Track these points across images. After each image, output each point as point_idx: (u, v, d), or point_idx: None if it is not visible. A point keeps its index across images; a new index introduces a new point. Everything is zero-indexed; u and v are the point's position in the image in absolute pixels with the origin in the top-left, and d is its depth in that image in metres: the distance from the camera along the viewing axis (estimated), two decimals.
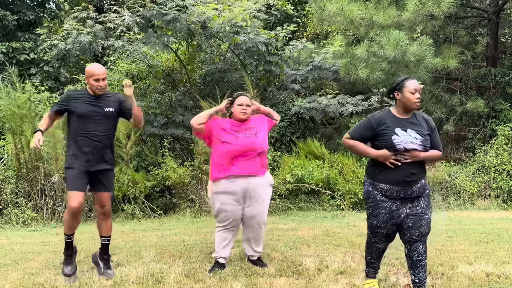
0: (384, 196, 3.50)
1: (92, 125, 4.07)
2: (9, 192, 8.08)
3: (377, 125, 3.52)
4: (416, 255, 3.54)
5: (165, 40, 8.71)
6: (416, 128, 3.50)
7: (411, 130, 3.47)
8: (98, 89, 4.08)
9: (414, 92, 3.51)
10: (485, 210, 8.46)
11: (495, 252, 4.99)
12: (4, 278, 4.29)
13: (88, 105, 4.09)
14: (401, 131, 3.46)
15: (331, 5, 9.37)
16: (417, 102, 3.51)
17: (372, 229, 3.61)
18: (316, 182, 8.56)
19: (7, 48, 12.95)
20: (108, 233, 4.38)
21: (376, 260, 3.72)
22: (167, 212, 8.57)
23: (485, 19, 11.43)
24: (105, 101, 4.17)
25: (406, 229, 3.51)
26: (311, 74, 10.06)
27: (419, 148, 3.43)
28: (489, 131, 10.40)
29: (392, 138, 3.43)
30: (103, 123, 4.13)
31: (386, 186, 3.47)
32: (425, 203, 3.53)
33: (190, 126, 4.59)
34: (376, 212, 3.53)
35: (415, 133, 3.47)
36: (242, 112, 4.31)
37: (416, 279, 3.56)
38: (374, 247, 3.66)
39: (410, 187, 3.45)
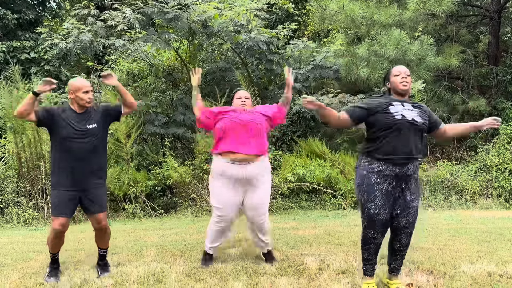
0: (379, 177, 3.48)
1: (74, 147, 3.93)
2: (10, 191, 8.08)
3: (371, 103, 3.58)
4: (398, 245, 3.66)
5: (166, 37, 8.69)
6: (414, 106, 3.58)
7: (407, 104, 3.55)
8: (87, 102, 3.97)
9: (398, 74, 3.58)
10: (487, 209, 8.43)
11: (497, 251, 4.98)
12: (5, 277, 4.28)
13: (70, 126, 3.94)
14: (397, 103, 3.53)
15: (332, 4, 9.36)
16: (402, 82, 3.55)
17: (370, 218, 3.50)
18: (317, 181, 8.54)
19: (8, 47, 12.94)
20: (105, 246, 4.35)
21: (373, 256, 3.65)
22: (168, 211, 8.56)
23: (486, 18, 11.40)
24: (88, 117, 4.03)
25: (394, 216, 3.56)
26: (312, 73, 10.04)
27: (417, 118, 3.46)
28: (491, 130, 10.36)
29: (390, 109, 3.48)
30: (87, 143, 3.98)
31: (381, 164, 3.47)
32: (415, 188, 3.56)
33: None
34: (372, 196, 3.48)
35: (411, 106, 3.54)
36: (241, 104, 4.35)
37: (392, 264, 3.75)
38: (371, 243, 3.58)
39: (405, 165, 3.46)
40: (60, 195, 3.96)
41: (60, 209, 3.95)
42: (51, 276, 4.15)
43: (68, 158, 3.95)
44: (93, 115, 4.08)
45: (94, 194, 4.06)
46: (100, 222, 4.15)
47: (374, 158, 3.50)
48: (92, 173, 4.03)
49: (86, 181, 4.01)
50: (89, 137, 4.00)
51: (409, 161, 3.46)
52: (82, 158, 3.96)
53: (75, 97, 3.98)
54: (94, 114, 4.10)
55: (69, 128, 3.94)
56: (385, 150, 3.45)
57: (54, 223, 3.96)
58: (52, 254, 4.19)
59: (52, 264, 4.22)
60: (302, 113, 9.79)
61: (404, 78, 3.55)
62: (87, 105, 4.02)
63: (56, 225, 3.94)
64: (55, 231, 3.98)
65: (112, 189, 8.17)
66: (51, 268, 4.22)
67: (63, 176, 3.96)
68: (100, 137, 4.11)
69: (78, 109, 4.03)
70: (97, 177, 4.09)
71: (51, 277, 4.14)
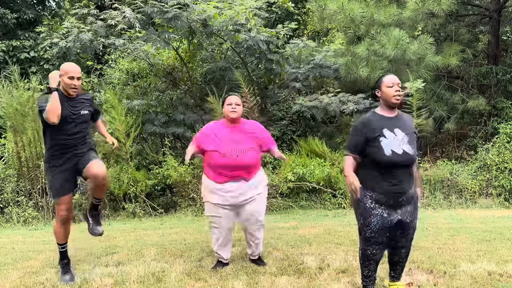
0: (374, 203, 3.44)
1: (67, 128, 3.95)
2: (10, 191, 8.08)
3: (364, 127, 3.45)
4: (397, 258, 3.66)
5: (166, 37, 8.68)
6: (403, 126, 3.46)
7: (398, 130, 3.42)
8: (71, 88, 3.93)
9: (391, 86, 3.44)
10: (487, 208, 8.43)
11: (497, 250, 4.98)
12: (5, 277, 4.28)
13: (65, 108, 3.92)
14: (388, 133, 3.40)
15: (331, 3, 9.35)
16: (396, 96, 3.42)
17: (366, 241, 3.50)
18: (317, 180, 8.54)
19: (7, 47, 12.93)
20: (100, 195, 4.18)
21: (373, 272, 3.61)
22: (168, 210, 8.56)
23: (486, 17, 11.39)
24: (80, 103, 4.05)
25: (393, 236, 3.53)
26: (312, 73, 10.04)
27: (407, 150, 3.38)
28: (490, 129, 10.37)
29: (380, 141, 3.38)
30: (79, 126, 4.01)
31: (375, 194, 3.43)
32: (412, 208, 3.51)
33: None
34: (367, 221, 3.45)
35: (401, 133, 3.42)
36: (231, 111, 4.27)
37: (392, 273, 3.75)
38: (371, 260, 3.54)
39: (399, 197, 3.42)
40: (56, 176, 3.98)
41: (60, 190, 3.97)
42: (66, 274, 4.11)
43: (60, 140, 3.95)
44: (85, 102, 4.11)
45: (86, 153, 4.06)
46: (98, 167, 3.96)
47: (368, 187, 3.46)
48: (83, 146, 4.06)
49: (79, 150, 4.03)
50: (80, 121, 4.03)
51: (403, 194, 3.42)
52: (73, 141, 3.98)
53: (61, 80, 3.94)
54: (86, 102, 4.11)
55: (64, 110, 3.91)
56: (377, 183, 3.42)
57: (58, 209, 3.96)
58: (61, 245, 4.12)
59: (62, 260, 4.16)
60: (302, 113, 9.79)
61: (397, 91, 3.42)
62: (71, 93, 3.96)
63: (60, 210, 3.93)
64: (60, 218, 3.96)
65: (112, 188, 8.17)
66: (62, 265, 4.17)
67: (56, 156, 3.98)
68: (89, 124, 4.17)
69: (67, 93, 4.00)
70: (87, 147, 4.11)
71: (66, 275, 4.10)
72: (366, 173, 3.49)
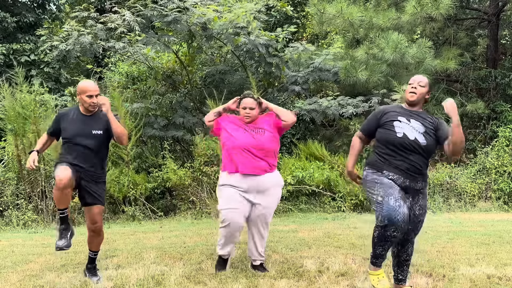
0: (391, 180, 3.44)
1: (81, 146, 3.94)
2: (10, 194, 8.08)
3: (382, 114, 3.58)
4: (405, 255, 3.65)
5: (166, 40, 8.70)
6: (421, 120, 3.52)
7: (415, 121, 3.50)
8: (91, 105, 3.96)
9: (411, 83, 3.57)
10: (486, 212, 8.45)
11: (497, 254, 4.99)
12: (5, 280, 4.29)
13: (77, 126, 3.95)
14: (404, 119, 3.49)
15: (330, 7, 9.38)
16: (411, 92, 3.53)
17: (390, 211, 3.24)
18: (317, 183, 8.55)
19: (8, 50, 12.96)
20: (96, 248, 4.25)
21: (386, 251, 3.49)
22: (168, 213, 8.56)
23: (485, 21, 11.43)
24: (95, 121, 4.02)
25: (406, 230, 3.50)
26: (312, 76, 10.07)
27: (419, 139, 3.42)
28: (489, 133, 10.40)
29: (394, 124, 3.48)
30: (92, 144, 3.98)
31: (391, 174, 3.45)
32: (423, 202, 3.54)
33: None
34: (390, 190, 3.33)
35: (418, 124, 3.48)
36: (245, 116, 4.29)
37: (400, 276, 3.72)
38: (389, 240, 3.35)
39: (416, 180, 3.45)
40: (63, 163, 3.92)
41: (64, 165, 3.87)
42: (61, 239, 3.95)
43: (71, 158, 3.94)
44: (100, 121, 4.04)
45: (94, 186, 4.03)
46: (95, 220, 4.05)
47: (382, 169, 3.49)
48: (94, 173, 4.03)
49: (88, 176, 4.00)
50: (92, 141, 3.98)
51: (417, 176, 3.45)
52: (84, 159, 3.96)
53: (80, 99, 3.99)
54: (102, 120, 4.05)
55: (75, 127, 3.96)
56: (390, 166, 3.46)
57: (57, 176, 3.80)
58: (60, 210, 3.97)
59: (61, 224, 4.00)
60: (301, 116, 9.80)
61: (414, 88, 3.51)
62: (91, 109, 3.99)
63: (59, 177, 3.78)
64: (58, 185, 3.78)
65: (112, 191, 8.17)
66: (59, 230, 4.00)
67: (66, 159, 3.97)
68: (103, 144, 4.11)
69: (84, 111, 4.03)
70: (97, 176, 4.07)
71: (61, 240, 3.95)
72: (380, 157, 3.53)
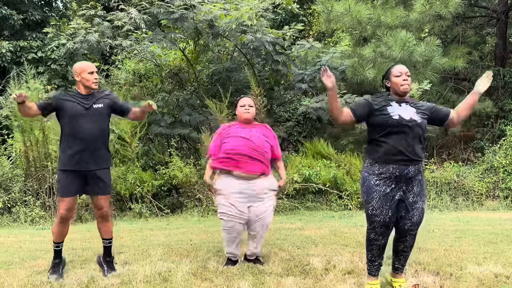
0: (379, 179, 3.47)
1: (82, 124, 3.96)
2: (18, 191, 8.13)
3: (373, 101, 3.56)
4: (402, 246, 3.67)
5: (172, 37, 8.71)
6: (412, 103, 3.57)
7: (405, 104, 3.54)
8: (93, 82, 4.01)
9: (399, 75, 3.55)
10: (493, 210, 8.40)
11: (504, 252, 4.96)
12: (13, 276, 4.30)
13: (77, 103, 3.99)
14: (395, 104, 3.52)
15: (338, 5, 9.36)
16: (404, 85, 3.53)
17: (369, 219, 3.54)
18: (323, 182, 8.54)
19: (15, 47, 13.00)
20: (108, 235, 4.31)
21: (376, 257, 3.64)
22: (175, 211, 8.58)
23: (493, 19, 11.36)
24: (95, 98, 4.08)
25: (399, 218, 3.56)
26: (319, 74, 10.02)
27: (415, 118, 3.45)
28: (497, 132, 10.34)
29: (387, 108, 3.49)
30: (94, 121, 4.01)
31: (381, 166, 3.47)
32: (418, 189, 3.53)
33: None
34: (370, 197, 3.49)
35: (410, 107, 3.52)
36: (245, 111, 4.32)
37: (396, 264, 3.76)
38: (373, 244, 3.58)
39: (406, 166, 3.44)
40: (66, 177, 3.99)
41: (66, 190, 3.98)
42: (54, 273, 4.11)
43: (76, 137, 3.96)
44: (99, 98, 4.11)
45: (98, 177, 4.07)
46: (101, 206, 4.14)
47: (375, 160, 3.51)
48: (97, 155, 4.05)
49: (92, 163, 4.02)
50: (95, 116, 4.02)
51: (409, 163, 3.44)
52: (89, 137, 3.97)
53: (81, 79, 4.02)
54: (101, 97, 4.13)
55: (77, 106, 3.98)
56: (385, 151, 3.46)
57: (60, 207, 3.97)
58: (56, 244, 4.15)
59: (55, 259, 4.18)
60: (308, 114, 9.79)
61: (405, 80, 3.53)
62: (93, 86, 4.04)
63: (61, 208, 3.95)
64: (60, 216, 3.97)
65: (118, 188, 8.20)
66: (53, 263, 4.19)
67: (70, 155, 3.98)
68: (106, 119, 4.14)
69: (84, 91, 4.06)
70: (102, 160, 4.10)
71: (54, 274, 4.11)
72: (374, 145, 3.55)
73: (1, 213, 7.96)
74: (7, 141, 9.25)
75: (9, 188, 8.20)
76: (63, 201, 3.99)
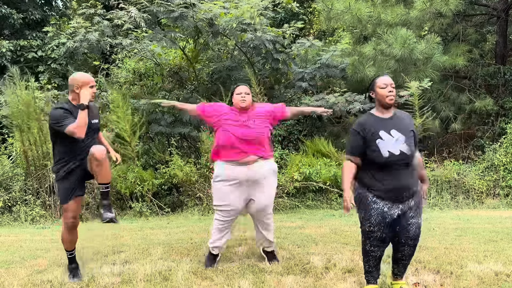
0: (376, 197, 3.45)
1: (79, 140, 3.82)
2: (18, 190, 8.13)
3: (363, 131, 3.46)
4: (400, 255, 3.64)
5: (172, 36, 8.70)
6: (399, 126, 3.46)
7: (395, 131, 3.43)
8: (92, 96, 3.88)
9: (384, 87, 3.45)
10: (494, 209, 8.40)
11: (505, 251, 4.96)
12: (13, 275, 4.31)
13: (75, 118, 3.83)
14: (385, 134, 3.41)
15: (338, 3, 9.34)
16: (389, 96, 3.43)
17: (365, 235, 3.54)
18: (323, 180, 8.53)
19: (15, 46, 13.00)
20: (107, 179, 3.98)
21: (374, 268, 3.63)
22: (175, 210, 8.58)
23: (494, 17, 11.34)
24: (91, 112, 3.95)
25: (396, 232, 3.53)
26: (319, 72, 10.03)
27: (404, 149, 3.38)
28: (498, 130, 10.32)
29: (377, 142, 3.40)
30: (91, 136, 3.94)
31: (376, 192, 3.45)
32: (415, 205, 3.50)
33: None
34: (368, 215, 3.47)
35: (398, 133, 3.42)
36: (241, 100, 4.30)
37: (396, 270, 3.73)
38: (370, 255, 3.58)
39: (402, 190, 3.42)
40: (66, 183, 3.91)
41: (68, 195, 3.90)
42: (74, 277, 4.11)
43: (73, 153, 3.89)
44: (94, 111, 4.04)
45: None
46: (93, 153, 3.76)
47: (370, 186, 3.48)
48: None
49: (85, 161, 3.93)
50: (92, 132, 3.97)
51: (404, 190, 3.42)
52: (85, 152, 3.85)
53: (81, 91, 3.82)
54: (95, 109, 4.08)
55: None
56: (378, 185, 3.43)
57: (64, 216, 3.93)
58: (69, 252, 4.11)
59: (70, 264, 4.14)
60: None
61: (391, 92, 3.43)
62: (92, 100, 3.96)
63: (67, 216, 3.90)
64: (67, 224, 3.92)
65: (118, 187, 8.21)
66: (70, 269, 4.15)
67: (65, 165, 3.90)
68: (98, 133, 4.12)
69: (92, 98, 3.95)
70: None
71: (75, 277, 4.11)
72: (365, 173, 3.51)
73: (2, 212, 7.97)
74: (7, 140, 9.25)
75: (9, 187, 8.21)
76: (67, 208, 3.91)
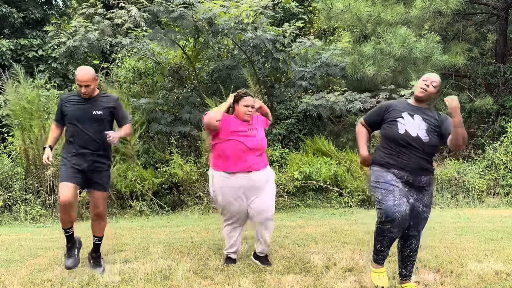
0: (396, 177, 3.47)
1: (83, 128, 4.00)
2: (18, 189, 8.13)
3: (386, 109, 3.62)
4: (408, 250, 3.65)
5: (172, 36, 8.70)
6: (424, 116, 3.54)
7: (418, 118, 3.52)
8: (83, 93, 4.01)
9: (424, 80, 3.59)
10: (494, 207, 8.40)
11: (505, 249, 4.96)
12: (13, 274, 4.31)
13: (77, 108, 4.02)
14: (407, 116, 3.52)
15: (338, 2, 9.35)
16: (421, 88, 3.55)
17: (388, 210, 3.33)
18: (324, 179, 8.54)
19: (15, 45, 13.00)
20: (100, 233, 4.29)
21: (385, 248, 3.54)
22: (175, 209, 8.59)
23: (494, 16, 11.34)
24: (96, 103, 4.06)
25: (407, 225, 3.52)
26: (319, 71, 10.03)
27: (421, 135, 3.45)
28: (498, 128, 10.33)
29: (397, 120, 3.51)
30: (94, 126, 4.02)
31: (396, 171, 3.48)
32: (428, 201, 3.55)
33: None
34: (391, 189, 3.40)
35: (421, 120, 3.50)
36: (247, 114, 4.27)
37: (403, 271, 3.71)
38: (386, 236, 3.44)
39: (419, 176, 3.48)
40: (67, 167, 4.00)
41: (67, 177, 3.97)
42: (70, 257, 4.13)
43: (74, 141, 4.02)
44: (103, 102, 4.10)
45: (98, 174, 4.11)
46: (98, 205, 4.12)
47: (387, 165, 3.52)
48: (97, 158, 4.09)
49: (92, 163, 4.05)
50: (95, 122, 4.03)
51: (421, 172, 3.48)
52: (89, 142, 4.02)
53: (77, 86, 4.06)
54: (105, 101, 4.12)
55: (75, 109, 4.03)
56: (396, 162, 3.49)
57: (60, 193, 3.95)
58: (65, 230, 4.12)
59: (67, 243, 4.16)
60: (308, 111, 9.78)
61: (426, 85, 3.54)
62: (83, 96, 4.04)
63: (61, 195, 3.92)
64: (61, 203, 3.94)
65: (119, 186, 8.21)
66: (66, 248, 4.18)
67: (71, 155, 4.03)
68: (107, 125, 4.14)
69: (83, 95, 4.07)
70: (102, 162, 4.14)
71: (70, 258, 4.12)
72: (383, 152, 3.59)
73: (2, 211, 7.97)
74: (7, 139, 9.25)
75: (9, 186, 8.21)
76: (62, 187, 3.95)
